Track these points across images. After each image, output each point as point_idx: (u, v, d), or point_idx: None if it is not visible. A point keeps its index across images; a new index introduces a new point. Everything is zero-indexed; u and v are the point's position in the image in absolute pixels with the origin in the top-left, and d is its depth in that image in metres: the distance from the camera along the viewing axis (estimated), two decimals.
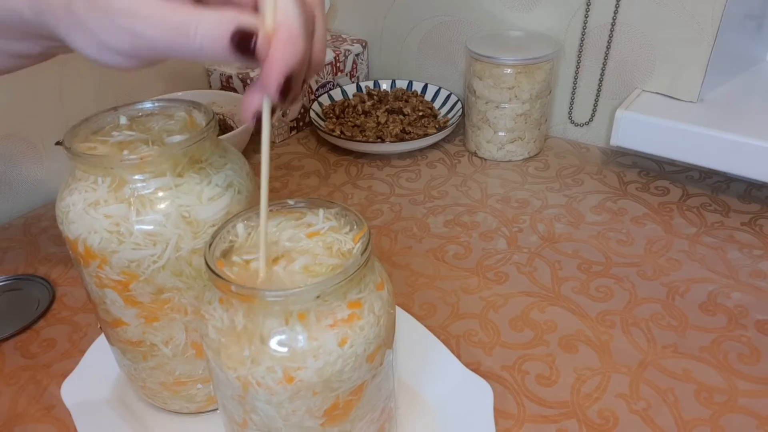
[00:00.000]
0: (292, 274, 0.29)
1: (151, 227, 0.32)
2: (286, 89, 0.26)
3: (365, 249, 0.29)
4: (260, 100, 0.27)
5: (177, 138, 0.35)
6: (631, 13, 0.65)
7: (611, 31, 0.67)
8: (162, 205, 0.32)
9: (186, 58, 0.26)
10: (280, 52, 0.25)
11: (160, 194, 0.33)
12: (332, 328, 0.28)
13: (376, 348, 0.30)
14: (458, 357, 0.45)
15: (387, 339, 0.31)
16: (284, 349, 0.27)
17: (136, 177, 0.32)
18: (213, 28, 0.25)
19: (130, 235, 0.32)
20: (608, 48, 0.68)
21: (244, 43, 0.25)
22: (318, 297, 0.27)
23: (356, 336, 0.28)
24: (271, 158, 0.73)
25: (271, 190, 0.68)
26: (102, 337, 0.45)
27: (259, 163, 0.29)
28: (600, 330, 0.48)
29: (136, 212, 0.32)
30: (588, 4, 0.67)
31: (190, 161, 0.34)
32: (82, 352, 0.46)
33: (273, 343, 0.27)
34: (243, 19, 0.25)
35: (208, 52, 0.25)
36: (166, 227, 0.32)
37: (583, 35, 0.69)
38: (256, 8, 0.27)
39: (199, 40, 0.25)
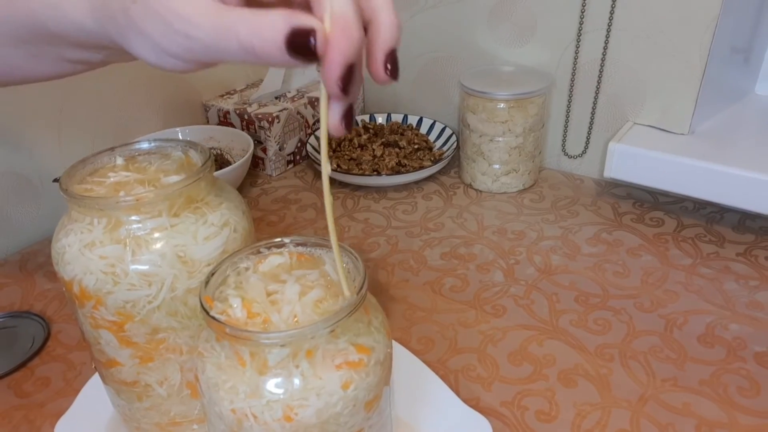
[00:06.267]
0: (296, 315, 0.29)
1: (147, 267, 0.32)
2: (348, 80, 0.24)
3: (360, 289, 0.29)
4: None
5: (173, 178, 0.35)
6: (620, 49, 0.67)
7: (601, 65, 0.68)
8: (157, 246, 0.33)
9: (241, 61, 0.25)
10: (338, 45, 0.24)
11: (156, 235, 0.33)
12: (338, 369, 0.28)
13: (375, 396, 0.30)
14: (457, 393, 0.44)
15: (385, 379, 0.31)
16: (284, 388, 0.27)
17: (132, 218, 0.32)
18: (265, 31, 0.23)
19: (126, 275, 0.32)
20: (599, 82, 0.69)
21: (302, 44, 0.23)
22: (313, 338, 0.27)
23: (360, 381, 0.28)
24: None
25: (268, 224, 0.69)
26: (96, 377, 0.45)
27: (254, 197, 0.29)
28: (599, 363, 0.48)
29: (131, 253, 0.32)
30: (578, 40, 0.69)
31: (186, 201, 0.34)
32: (77, 391, 0.46)
33: (273, 380, 0.27)
34: (297, 18, 0.23)
35: (262, 55, 0.24)
36: (161, 267, 0.32)
37: (574, 70, 0.70)
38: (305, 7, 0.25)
39: (249, 42, 0.24)
